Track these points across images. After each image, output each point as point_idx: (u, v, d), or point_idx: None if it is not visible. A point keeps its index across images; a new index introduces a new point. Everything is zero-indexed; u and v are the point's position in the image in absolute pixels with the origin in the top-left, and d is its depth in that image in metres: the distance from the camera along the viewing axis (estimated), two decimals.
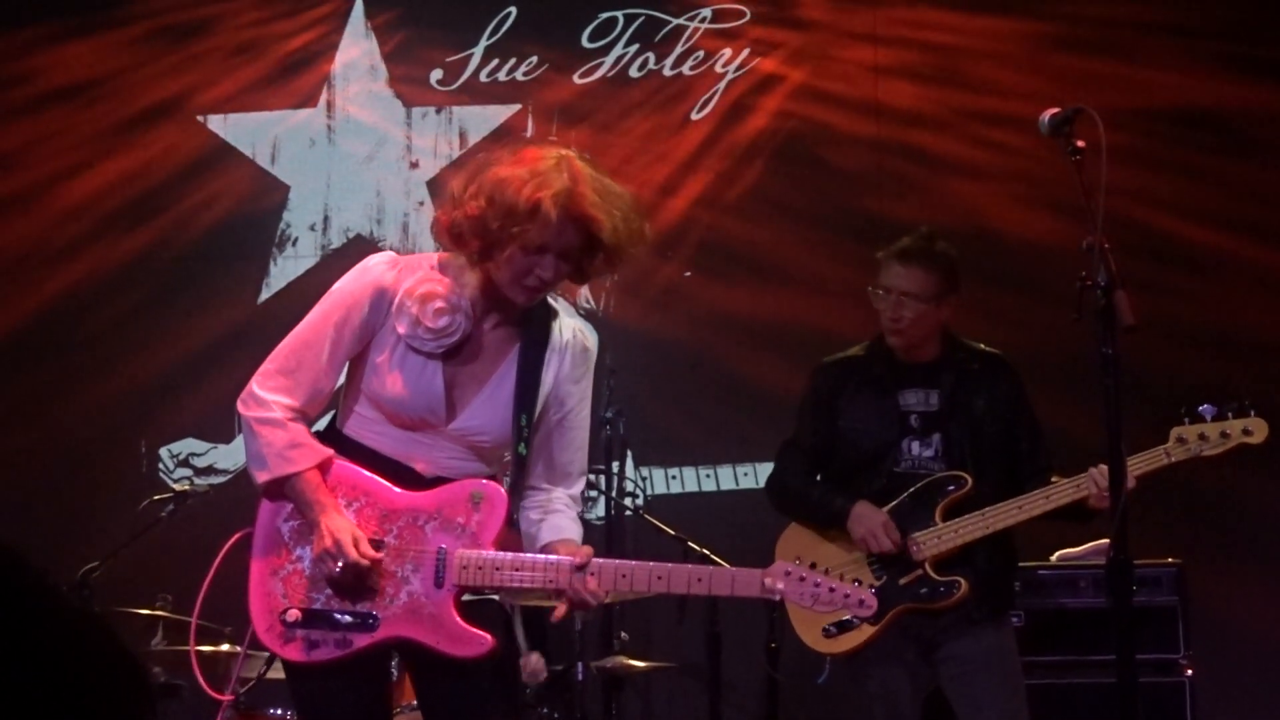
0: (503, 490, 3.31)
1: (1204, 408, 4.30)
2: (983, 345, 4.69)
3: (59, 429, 7.16)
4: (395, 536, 3.28)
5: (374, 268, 3.37)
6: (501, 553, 3.26)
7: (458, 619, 3.24)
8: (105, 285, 7.28)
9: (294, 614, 3.25)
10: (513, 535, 3.35)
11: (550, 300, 3.47)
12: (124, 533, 5.63)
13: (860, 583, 3.26)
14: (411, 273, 3.36)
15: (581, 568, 3.23)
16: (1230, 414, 4.29)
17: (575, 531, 3.40)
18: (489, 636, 3.25)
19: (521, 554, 3.29)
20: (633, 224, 3.30)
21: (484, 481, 3.33)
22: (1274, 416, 4.34)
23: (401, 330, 3.30)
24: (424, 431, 3.33)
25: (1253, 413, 4.29)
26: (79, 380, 7.19)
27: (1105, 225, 3.20)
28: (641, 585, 3.31)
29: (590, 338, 3.51)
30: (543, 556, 3.27)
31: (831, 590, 3.23)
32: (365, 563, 3.21)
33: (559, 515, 3.41)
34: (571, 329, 3.45)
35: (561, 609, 3.29)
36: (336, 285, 3.39)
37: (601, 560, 3.31)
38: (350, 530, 3.23)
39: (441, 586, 3.24)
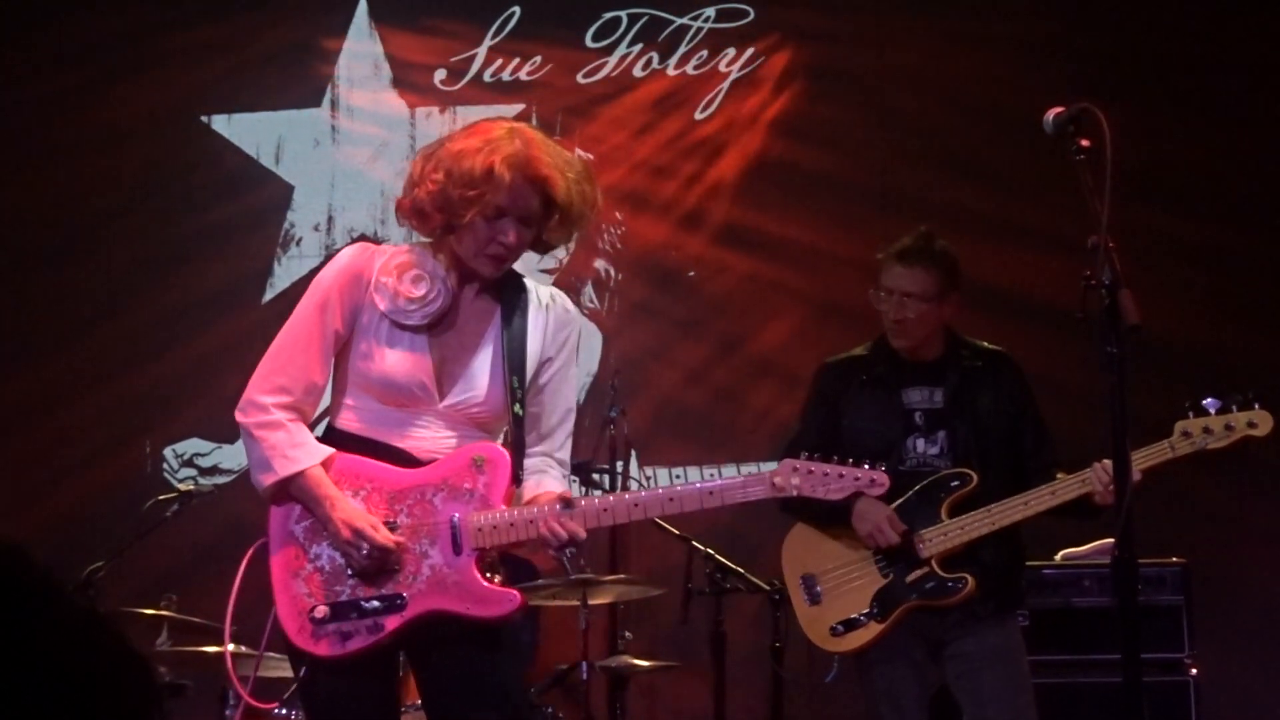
0: (503, 450, 3.34)
1: (1208, 401, 4.29)
2: (985, 343, 4.70)
3: (64, 429, 7.17)
4: (407, 515, 3.31)
5: (347, 254, 3.44)
6: (514, 510, 3.30)
7: (482, 582, 3.27)
8: (110, 285, 7.29)
9: (322, 610, 3.27)
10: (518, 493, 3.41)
11: (521, 275, 3.51)
12: (129, 533, 5.63)
13: (870, 465, 3.33)
14: (384, 253, 3.42)
15: (569, 503, 3.30)
16: (1235, 407, 4.27)
17: (560, 487, 3.45)
18: (517, 594, 3.30)
19: (532, 509, 3.31)
20: (584, 185, 3.39)
21: (483, 444, 3.36)
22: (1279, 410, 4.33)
23: (382, 306, 3.35)
24: (417, 412, 3.35)
25: (1257, 405, 4.28)
26: (83, 380, 7.20)
27: (1111, 219, 3.18)
28: (655, 511, 3.41)
29: (569, 300, 3.57)
30: (554, 508, 3.30)
31: (841, 475, 3.34)
32: (390, 544, 3.24)
33: (544, 475, 3.45)
34: (549, 293, 3.52)
35: (549, 554, 3.39)
36: (314, 280, 3.44)
37: (613, 496, 3.38)
38: (365, 516, 3.26)
39: (460, 553, 3.28)
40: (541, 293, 3.50)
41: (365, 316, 3.36)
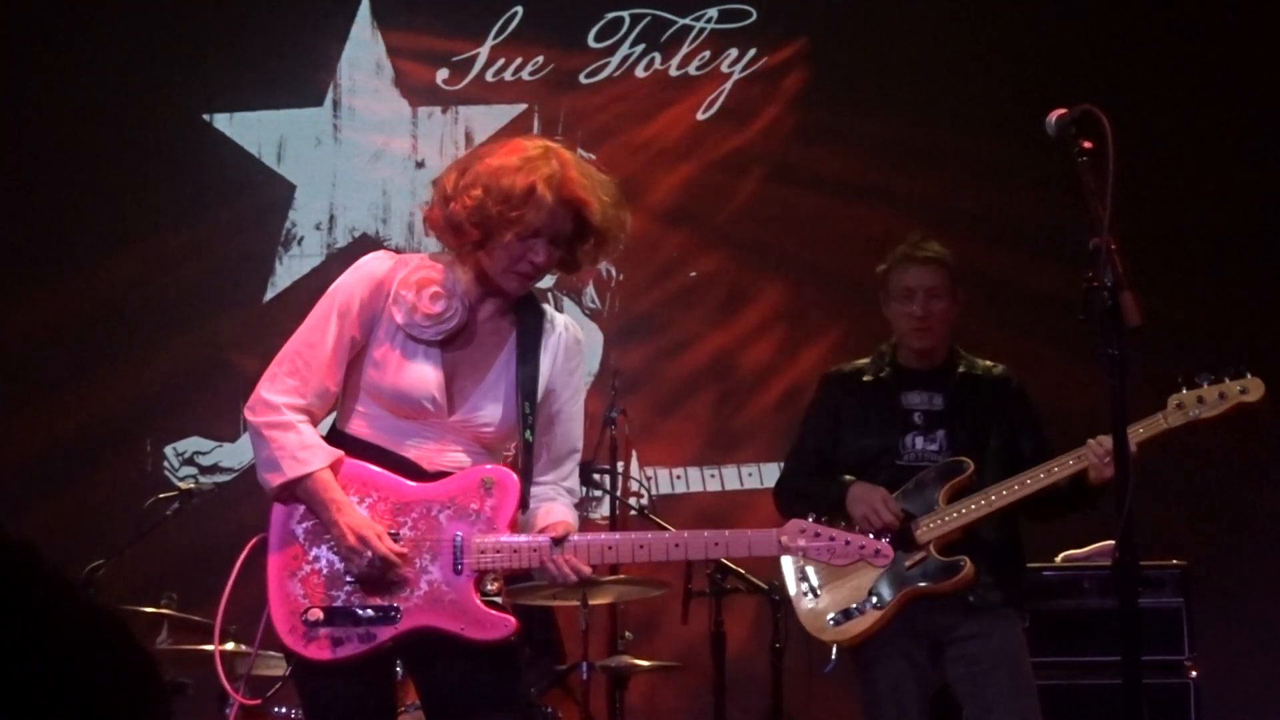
0: (514, 475, 3.35)
1: (1200, 376, 4.31)
2: (988, 361, 4.73)
3: (65, 427, 7.16)
4: (410, 528, 3.30)
5: (369, 262, 3.43)
6: (517, 535, 3.30)
7: (479, 604, 3.27)
8: (110, 283, 7.28)
9: (315, 613, 3.27)
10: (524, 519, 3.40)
11: (539, 298, 3.53)
12: (129, 531, 5.63)
13: (875, 535, 3.36)
14: (406, 265, 3.42)
15: (559, 541, 3.30)
16: (1227, 378, 4.29)
17: (570, 516, 3.46)
18: (512, 619, 3.29)
19: (537, 536, 3.32)
20: (619, 209, 3.42)
21: (494, 467, 3.37)
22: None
23: (399, 319, 3.34)
24: (426, 424, 3.35)
25: (1249, 374, 4.29)
26: (84, 378, 7.19)
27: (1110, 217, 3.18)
28: (660, 555, 3.38)
29: (580, 331, 3.58)
30: (549, 540, 3.31)
31: (847, 543, 3.35)
32: (394, 558, 3.24)
33: (553, 503, 3.46)
34: (563, 322, 3.52)
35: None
36: (333, 284, 3.43)
37: (619, 534, 3.37)
38: (371, 526, 3.26)
39: (460, 573, 3.28)
40: (557, 320, 3.51)
41: (382, 327, 3.36)
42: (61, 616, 1.32)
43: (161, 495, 5.70)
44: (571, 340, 3.50)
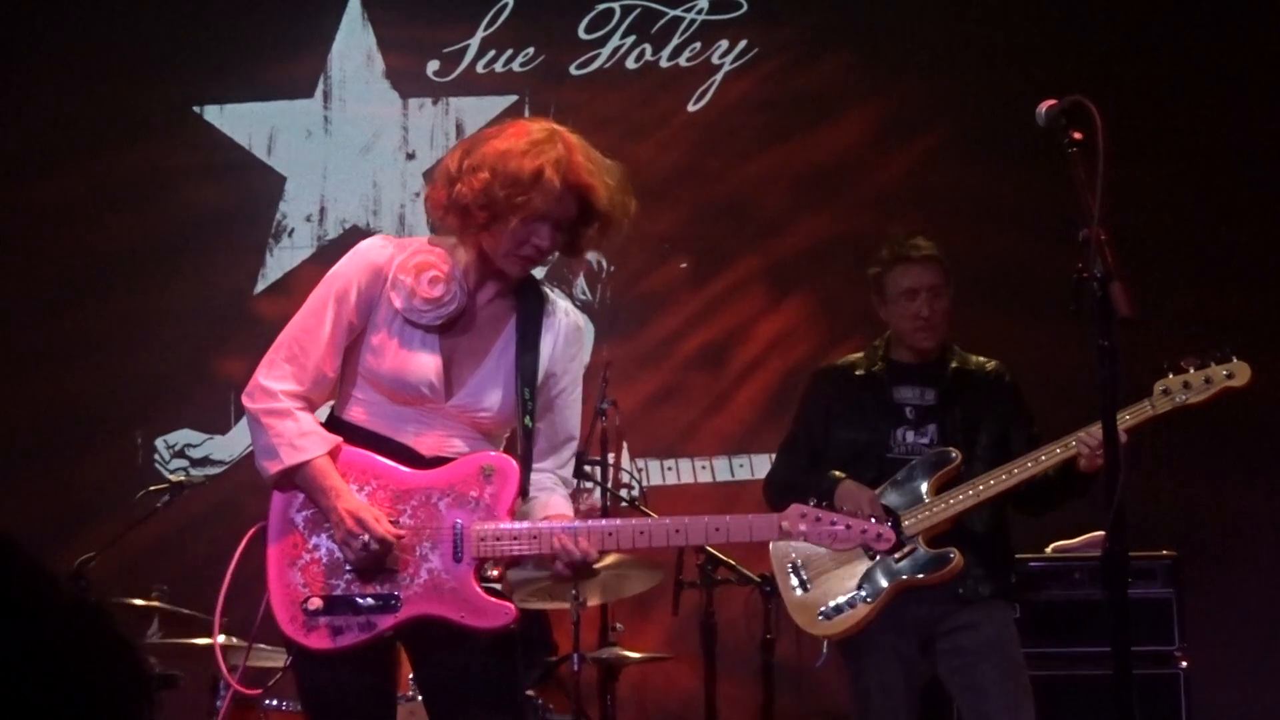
0: (514, 462, 3.33)
1: (1186, 361, 4.30)
2: (981, 357, 4.73)
3: (55, 420, 7.15)
4: (410, 516, 3.29)
5: (367, 247, 3.41)
6: (518, 523, 3.29)
7: (480, 592, 3.25)
8: (101, 275, 7.27)
9: (315, 602, 3.25)
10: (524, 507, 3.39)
11: (540, 283, 3.51)
12: (120, 523, 5.62)
13: (876, 519, 3.34)
14: (404, 250, 3.39)
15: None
16: (1213, 362, 4.28)
17: (568, 508, 3.44)
18: (512, 606, 3.27)
19: (538, 523, 3.30)
20: (625, 194, 3.42)
21: (494, 454, 3.35)
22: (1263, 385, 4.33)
23: (398, 304, 3.32)
24: (424, 409, 3.33)
25: (1235, 359, 4.28)
26: (74, 371, 7.18)
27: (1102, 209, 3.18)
28: (660, 541, 3.36)
29: (581, 317, 3.57)
30: (559, 524, 3.28)
31: (848, 527, 3.33)
32: (392, 538, 3.22)
33: (552, 494, 3.44)
34: (563, 308, 3.50)
35: (561, 571, 3.32)
36: (331, 270, 3.40)
37: (621, 520, 3.39)
38: (369, 509, 3.23)
39: (461, 561, 3.26)
40: (558, 305, 3.48)
41: (380, 312, 3.33)
42: (41, 606, 1.32)
43: (152, 487, 5.69)
44: (572, 326, 3.48)
